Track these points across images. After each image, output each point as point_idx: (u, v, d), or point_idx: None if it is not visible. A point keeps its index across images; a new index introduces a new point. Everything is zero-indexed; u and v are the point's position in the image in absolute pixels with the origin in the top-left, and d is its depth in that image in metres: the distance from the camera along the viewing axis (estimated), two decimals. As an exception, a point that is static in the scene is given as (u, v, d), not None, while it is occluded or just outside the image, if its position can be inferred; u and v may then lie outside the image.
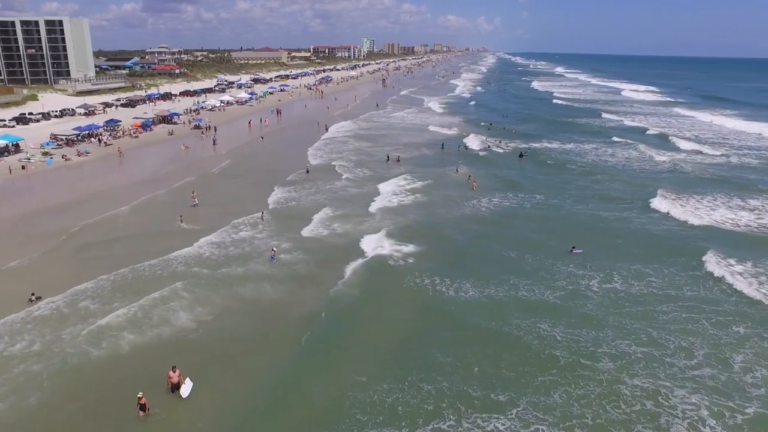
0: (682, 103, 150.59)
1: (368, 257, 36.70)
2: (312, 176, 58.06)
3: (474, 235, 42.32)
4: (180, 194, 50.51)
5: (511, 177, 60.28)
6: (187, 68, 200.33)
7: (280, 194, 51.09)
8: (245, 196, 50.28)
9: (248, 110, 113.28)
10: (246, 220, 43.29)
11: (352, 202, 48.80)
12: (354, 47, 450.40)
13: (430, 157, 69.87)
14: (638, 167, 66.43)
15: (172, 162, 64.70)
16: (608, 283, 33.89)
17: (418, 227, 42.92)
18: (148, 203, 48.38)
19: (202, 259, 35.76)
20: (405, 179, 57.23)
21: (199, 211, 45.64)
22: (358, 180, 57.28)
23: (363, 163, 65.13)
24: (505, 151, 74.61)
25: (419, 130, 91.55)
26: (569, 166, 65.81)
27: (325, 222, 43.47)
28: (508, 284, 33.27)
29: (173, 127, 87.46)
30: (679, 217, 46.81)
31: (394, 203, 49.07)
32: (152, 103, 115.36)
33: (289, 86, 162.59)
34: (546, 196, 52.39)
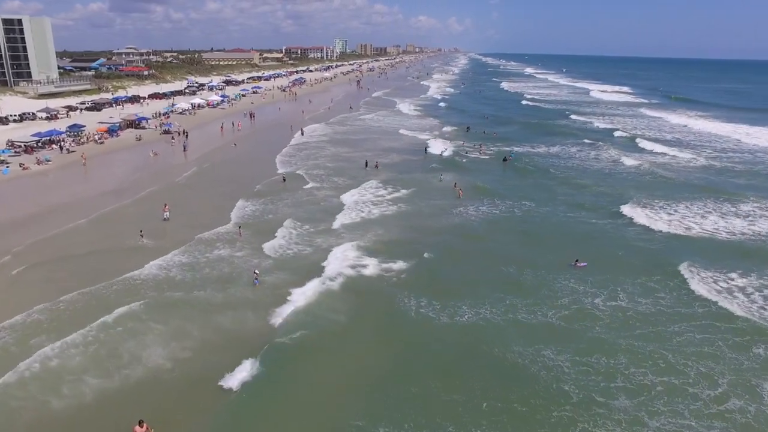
0: (657, 104, 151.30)
1: (352, 277, 33.73)
2: (289, 185, 54.77)
3: (465, 248, 39.74)
4: (147, 205, 47.01)
5: (497, 183, 58.02)
6: (156, 70, 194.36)
7: (257, 206, 47.57)
8: (218, 207, 46.78)
9: (220, 113, 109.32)
10: (221, 235, 40.06)
11: (332, 215, 45.59)
12: (327, 48, 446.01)
13: (411, 163, 66.97)
14: (626, 171, 64.76)
15: (139, 170, 60.88)
16: (614, 300, 31.64)
17: (404, 241, 40.13)
18: (111, 216, 44.73)
19: (174, 282, 32.43)
20: (386, 188, 54.20)
21: (168, 226, 42.22)
22: (338, 188, 54.06)
23: (341, 170, 61.98)
24: (489, 156, 72.18)
25: (396, 134, 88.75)
26: (554, 171, 63.78)
27: (306, 237, 40.33)
28: (506, 305, 30.75)
29: (141, 132, 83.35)
30: (675, 229, 44.94)
31: (375, 214, 46.04)
32: (119, 106, 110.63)
33: (262, 88, 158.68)
34: (536, 204, 50.13)
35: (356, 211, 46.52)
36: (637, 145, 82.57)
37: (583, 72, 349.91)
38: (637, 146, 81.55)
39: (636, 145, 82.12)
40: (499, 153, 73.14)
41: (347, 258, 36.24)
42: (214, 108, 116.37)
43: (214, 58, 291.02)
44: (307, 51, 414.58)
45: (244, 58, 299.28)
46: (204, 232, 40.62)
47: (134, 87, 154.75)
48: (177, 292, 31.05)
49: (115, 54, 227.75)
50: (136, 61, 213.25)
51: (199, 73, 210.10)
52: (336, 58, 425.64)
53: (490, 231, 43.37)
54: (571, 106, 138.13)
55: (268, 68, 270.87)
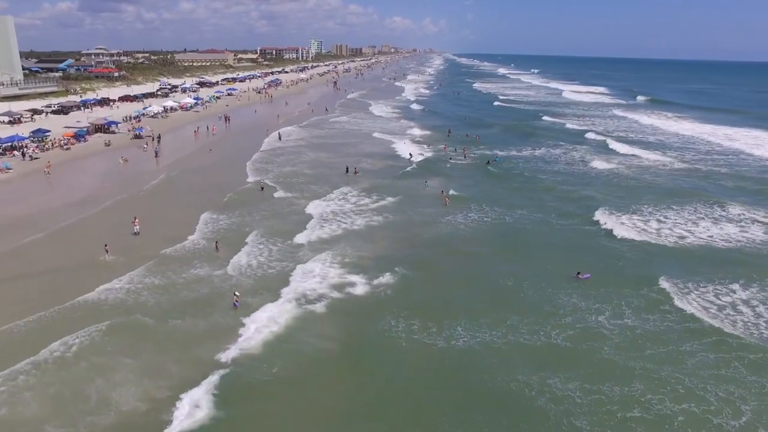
0: (631, 105, 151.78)
1: (337, 297, 31.23)
2: (267, 194, 51.91)
3: (458, 261, 37.55)
4: (114, 217, 43.99)
5: (483, 189, 55.96)
6: (127, 71, 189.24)
7: (234, 218, 44.34)
8: (192, 219, 43.61)
9: (194, 117, 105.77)
10: (196, 251, 37.23)
11: (312, 227, 42.76)
12: (302, 49, 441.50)
13: (394, 169, 64.31)
14: (611, 176, 63.31)
15: (107, 178, 57.48)
16: (620, 317, 29.71)
17: (391, 255, 37.70)
18: (73, 229, 41.61)
19: (144, 306, 29.57)
20: (370, 196, 51.50)
21: (138, 241, 39.25)
22: (318, 197, 51.04)
23: (321, 177, 58.89)
24: (473, 161, 70.11)
25: (376, 138, 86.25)
26: (541, 176, 62.05)
27: (285, 253, 37.53)
28: (507, 325, 28.58)
29: (111, 137, 79.61)
30: (671, 239, 43.35)
31: (359, 225, 43.35)
32: (88, 109, 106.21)
33: (237, 90, 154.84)
34: (527, 210, 48.21)
35: (338, 222, 43.79)
36: (612, 147, 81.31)
37: (557, 72, 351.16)
38: (615, 149, 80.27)
39: (612, 148, 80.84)
40: (483, 157, 71.23)
41: (330, 275, 33.71)
42: (188, 111, 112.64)
43: (187, 59, 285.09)
44: (282, 52, 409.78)
45: (218, 59, 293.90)
46: (175, 245, 37.88)
47: (104, 89, 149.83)
48: (148, 318, 28.24)
49: (84, 54, 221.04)
50: (106, 62, 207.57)
51: (172, 75, 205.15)
52: (311, 59, 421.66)
53: (482, 241, 41.25)
54: (548, 107, 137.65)
55: (243, 69, 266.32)
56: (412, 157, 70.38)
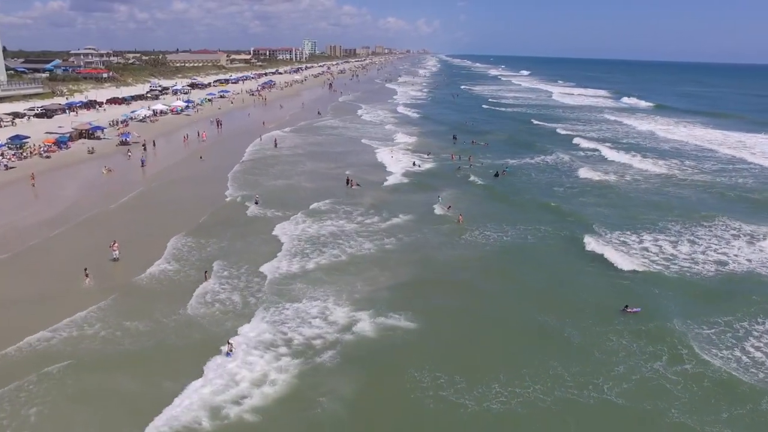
0: (642, 110, 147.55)
1: (345, 343, 26.65)
2: (262, 209, 47.07)
3: (485, 292, 33.13)
4: (93, 235, 39.41)
5: (497, 203, 51.35)
6: (116, 72, 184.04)
7: (223, 242, 39.18)
8: (183, 243, 38.76)
9: (184, 121, 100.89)
10: (181, 282, 32.60)
11: (314, 251, 38.13)
12: (295, 49, 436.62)
13: (399, 181, 59.53)
14: (628, 187, 59.14)
15: (87, 191, 52.69)
16: (680, 362, 25.51)
17: (405, 285, 33.23)
18: (42, 251, 36.97)
19: (128, 356, 25.03)
20: (377, 214, 46.39)
21: (117, 267, 34.64)
22: (319, 215, 45.92)
23: (322, 191, 53.66)
24: (481, 171, 65.13)
25: (378, 146, 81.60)
26: (557, 188, 57.66)
27: (283, 285, 32.85)
28: (550, 376, 24.20)
29: (95, 143, 74.79)
30: (723, 264, 39.07)
31: (367, 250, 38.44)
32: (73, 112, 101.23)
33: (230, 92, 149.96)
34: (553, 227, 43.78)
35: (342, 247, 38.78)
36: (631, 163, 77.28)
37: (552, 74, 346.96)
38: (631, 163, 76.26)
39: (629, 163, 76.82)
40: (491, 166, 66.61)
41: (335, 315, 29.03)
42: (178, 114, 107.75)
43: (179, 60, 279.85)
44: (275, 52, 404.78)
45: (210, 60, 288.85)
46: (151, 269, 33.39)
47: (92, 90, 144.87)
48: (122, 376, 23.67)
49: (72, 54, 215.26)
50: (96, 63, 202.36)
51: (163, 76, 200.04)
52: (305, 60, 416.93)
53: (510, 266, 36.86)
54: (548, 111, 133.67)
55: (236, 70, 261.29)
56: (418, 166, 65.88)
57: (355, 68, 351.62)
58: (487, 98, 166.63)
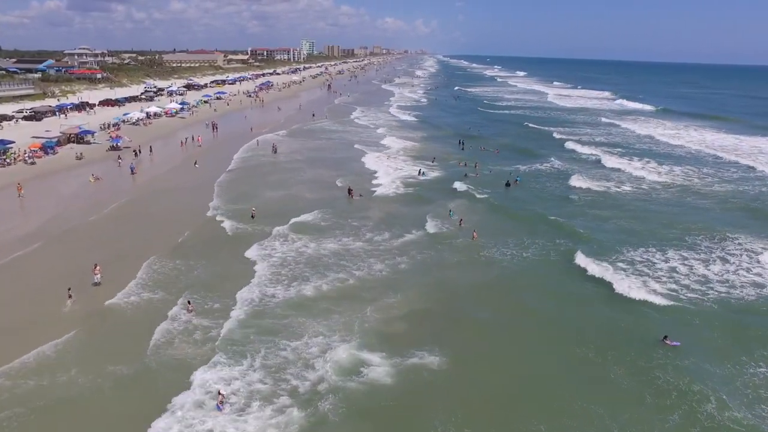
0: (652, 113, 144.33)
1: (354, 391, 23.23)
2: (256, 224, 43.26)
3: (513, 323, 29.86)
4: (66, 253, 36.21)
5: (513, 217, 47.73)
6: (111, 72, 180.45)
7: (213, 264, 35.53)
8: (161, 266, 35.26)
9: (179, 124, 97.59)
10: (157, 312, 29.04)
11: (313, 275, 34.65)
12: (293, 50, 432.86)
13: (405, 191, 56.29)
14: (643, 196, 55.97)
15: (71, 201, 49.30)
16: (734, 407, 22.16)
17: (425, 315, 29.87)
18: (10, 270, 33.68)
19: (82, 404, 21.73)
20: (384, 231, 42.64)
21: (100, 292, 31.32)
22: (320, 232, 42.27)
23: (322, 203, 49.99)
24: (490, 179, 61.83)
25: (381, 152, 78.36)
26: (572, 196, 54.63)
27: (278, 317, 29.44)
28: (597, 427, 20.97)
29: (85, 148, 71.36)
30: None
31: (381, 271, 35.06)
32: (63, 115, 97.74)
33: (227, 93, 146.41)
34: (573, 242, 40.52)
35: (348, 269, 35.27)
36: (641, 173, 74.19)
37: (551, 75, 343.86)
38: (642, 175, 73.13)
39: (639, 176, 73.72)
40: (501, 174, 63.35)
41: (343, 354, 25.46)
42: (173, 117, 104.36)
43: (175, 60, 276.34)
44: (273, 52, 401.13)
45: (207, 60, 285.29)
46: (124, 296, 30.10)
47: (85, 92, 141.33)
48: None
49: (66, 54, 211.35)
50: (90, 63, 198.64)
51: (159, 76, 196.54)
52: (303, 60, 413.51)
53: (535, 291, 33.58)
54: (551, 114, 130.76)
55: (233, 71, 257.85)
56: (423, 174, 62.56)
57: (354, 69, 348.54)
58: (488, 100, 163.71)
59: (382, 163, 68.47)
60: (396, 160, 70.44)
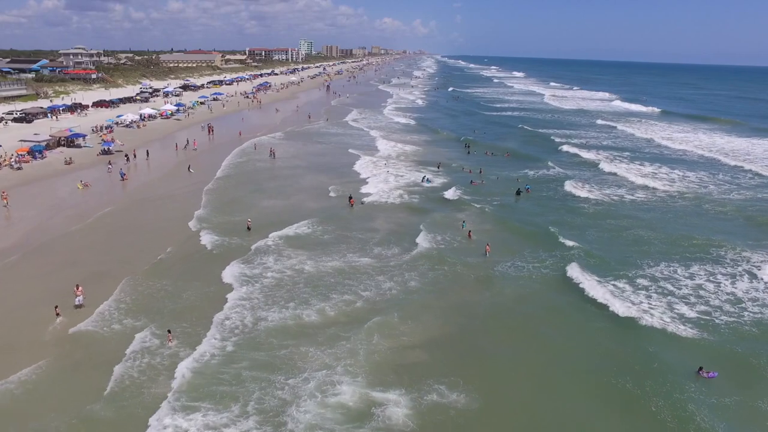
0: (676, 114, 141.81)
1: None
2: (250, 238, 40.29)
3: (541, 349, 27.27)
4: (47, 268, 33.51)
5: (527, 230, 44.51)
6: (107, 72, 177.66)
7: (205, 288, 32.46)
8: (140, 285, 32.62)
9: (174, 126, 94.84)
10: (129, 342, 26.32)
11: (315, 295, 31.95)
12: (292, 50, 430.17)
13: (410, 199, 53.57)
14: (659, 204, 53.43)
15: (56, 209, 46.47)
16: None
17: (443, 342, 27.22)
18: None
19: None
20: (392, 245, 39.89)
21: (82, 314, 28.63)
22: (325, 246, 39.44)
23: (320, 212, 47.49)
24: (498, 187, 59.13)
25: (382, 156, 75.86)
26: (584, 206, 51.99)
27: (271, 346, 26.72)
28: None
29: (75, 152, 68.65)
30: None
31: (391, 290, 32.42)
32: (54, 116, 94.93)
33: (224, 94, 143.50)
34: (592, 259, 37.79)
35: (354, 288, 32.36)
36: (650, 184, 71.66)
37: (550, 76, 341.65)
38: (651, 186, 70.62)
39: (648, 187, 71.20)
40: (508, 181, 60.67)
41: (351, 392, 22.66)
42: (168, 119, 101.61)
43: (173, 60, 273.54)
44: (271, 53, 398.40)
45: (205, 60, 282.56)
46: (94, 323, 27.40)
47: (79, 92, 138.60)
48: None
49: (62, 54, 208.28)
50: (85, 63, 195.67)
51: (155, 77, 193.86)
52: (302, 60, 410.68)
53: (559, 315, 30.86)
54: (556, 116, 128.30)
55: (231, 71, 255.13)
56: (428, 181, 59.82)
57: (353, 69, 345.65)
58: (489, 102, 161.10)
59: (384, 169, 65.79)
60: (397, 166, 67.74)
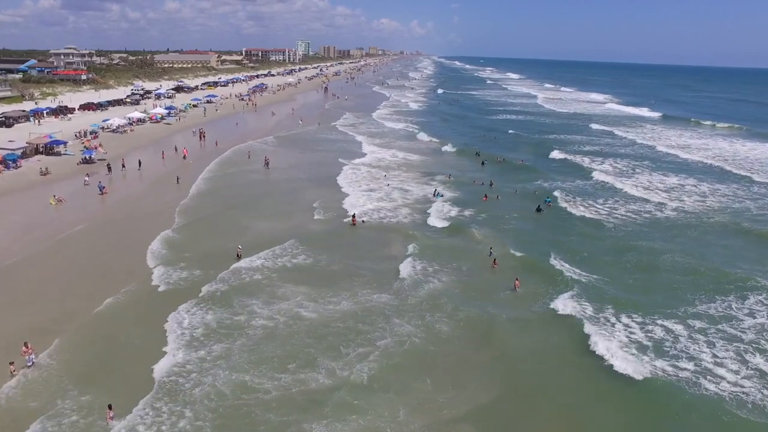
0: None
1: None
2: (245, 270, 35.70)
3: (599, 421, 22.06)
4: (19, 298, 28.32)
5: (556, 255, 38.94)
6: (98, 73, 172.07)
7: (173, 341, 27.36)
8: (92, 349, 27.40)
9: (164, 131, 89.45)
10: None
11: (324, 352, 26.88)
12: (289, 50, 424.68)
13: (420, 216, 48.32)
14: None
15: (22, 230, 40.92)
16: None
17: (482, 414, 22.05)
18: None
19: None
20: (409, 275, 34.64)
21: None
22: (328, 278, 34.36)
23: (324, 235, 42.65)
24: (516, 198, 54.40)
25: (386, 164, 70.66)
26: (609, 225, 46.93)
27: (265, 421, 21.83)
28: None
29: (54, 160, 63.27)
30: None
31: (413, 338, 27.21)
32: (37, 120, 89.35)
33: (218, 96, 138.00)
34: (626, 289, 32.72)
35: (367, 335, 27.02)
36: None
37: (551, 78, 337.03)
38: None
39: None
40: (525, 194, 55.51)
41: None
42: (158, 123, 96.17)
43: (167, 60, 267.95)
44: (268, 53, 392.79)
45: (200, 61, 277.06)
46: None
47: (68, 94, 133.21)
48: None
49: (52, 54, 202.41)
50: (77, 63, 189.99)
51: (148, 77, 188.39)
52: (299, 61, 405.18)
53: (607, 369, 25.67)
54: (559, 120, 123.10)
55: (227, 72, 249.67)
56: (440, 195, 54.41)
57: (351, 70, 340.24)
58: (490, 105, 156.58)
59: (388, 181, 60.49)
60: (401, 178, 62.41)
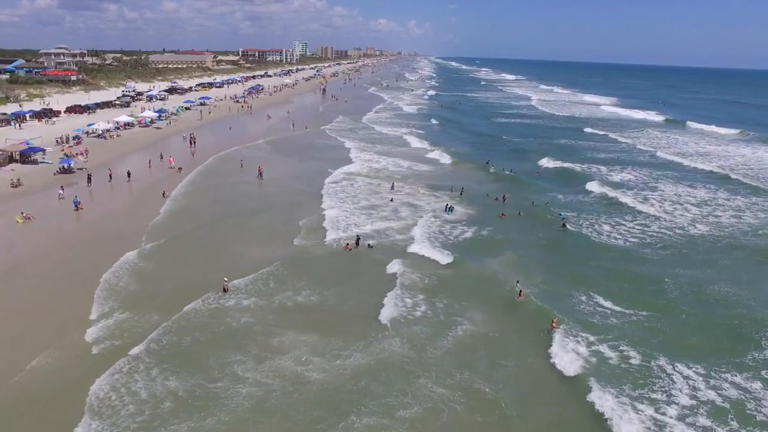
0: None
1: None
2: (230, 298, 30.65)
3: None
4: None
5: (590, 284, 34.34)
6: (89, 74, 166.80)
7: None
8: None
9: (153, 136, 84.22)
10: None
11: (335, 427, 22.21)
12: (286, 51, 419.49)
13: (435, 240, 42.86)
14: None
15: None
16: None
17: None
18: None
19: None
20: (426, 317, 29.73)
21: None
22: (333, 327, 29.29)
23: (325, 262, 37.80)
24: (537, 214, 49.57)
25: (392, 176, 65.45)
26: (628, 249, 42.01)
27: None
28: None
29: (29, 170, 58.10)
30: None
31: (443, 405, 22.42)
32: (18, 124, 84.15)
33: (212, 98, 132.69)
34: (675, 329, 27.78)
35: (383, 408, 21.88)
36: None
37: (553, 80, 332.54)
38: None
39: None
40: (542, 212, 50.45)
41: None
42: (147, 127, 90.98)
43: (162, 61, 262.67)
44: (265, 53, 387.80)
45: (195, 61, 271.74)
46: None
47: (56, 95, 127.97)
48: None
49: (43, 54, 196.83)
50: (68, 63, 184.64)
51: (141, 78, 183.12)
52: (296, 62, 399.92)
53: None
54: (563, 123, 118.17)
55: (222, 72, 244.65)
56: (451, 211, 49.27)
57: (349, 71, 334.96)
58: (492, 108, 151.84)
59: (394, 194, 55.36)
60: (407, 191, 57.33)
